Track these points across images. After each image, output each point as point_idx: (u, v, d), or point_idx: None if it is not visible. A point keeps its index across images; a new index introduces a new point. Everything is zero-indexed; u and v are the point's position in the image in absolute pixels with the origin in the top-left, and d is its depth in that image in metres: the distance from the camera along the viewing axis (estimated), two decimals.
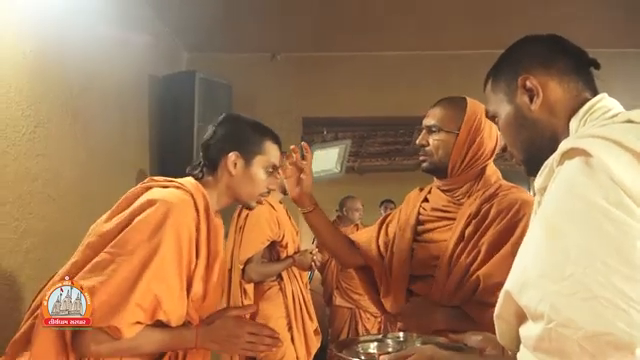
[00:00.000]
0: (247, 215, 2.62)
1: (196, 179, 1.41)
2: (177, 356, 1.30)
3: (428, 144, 1.49)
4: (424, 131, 1.52)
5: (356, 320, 4.51)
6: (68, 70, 2.32)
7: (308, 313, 2.74)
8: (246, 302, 2.61)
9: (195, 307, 1.30)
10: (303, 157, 1.57)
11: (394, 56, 4.12)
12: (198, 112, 3.27)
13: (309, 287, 2.94)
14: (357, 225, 4.70)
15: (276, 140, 1.47)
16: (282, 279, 2.70)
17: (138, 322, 1.16)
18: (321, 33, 3.83)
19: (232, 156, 1.39)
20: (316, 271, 4.07)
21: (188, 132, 3.27)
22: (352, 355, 1.18)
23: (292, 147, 1.58)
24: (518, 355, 0.76)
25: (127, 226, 1.22)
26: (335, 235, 1.70)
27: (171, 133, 3.36)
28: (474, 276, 1.37)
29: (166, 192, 1.29)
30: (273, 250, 2.75)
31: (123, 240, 1.19)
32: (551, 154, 0.85)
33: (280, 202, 2.87)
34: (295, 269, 2.78)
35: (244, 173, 1.41)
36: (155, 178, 1.39)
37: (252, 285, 2.68)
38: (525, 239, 0.81)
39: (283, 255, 2.72)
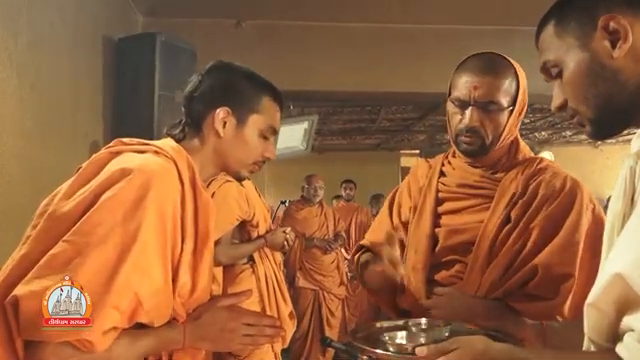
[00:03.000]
0: (213, 193, 2.41)
1: (176, 141, 1.15)
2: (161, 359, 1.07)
3: (482, 125, 1.26)
4: (474, 109, 1.25)
5: (319, 302, 4.46)
6: (13, 17, 2.02)
7: (282, 296, 2.56)
8: (215, 288, 2.42)
9: (182, 301, 1.06)
10: None
11: (368, 28, 3.97)
12: (159, 80, 3.00)
13: (282, 268, 2.77)
14: (321, 203, 4.59)
15: (277, 97, 1.21)
16: (254, 261, 2.52)
17: (114, 327, 0.92)
18: (290, 1, 3.64)
19: (221, 112, 1.13)
20: None
21: (148, 101, 3.01)
22: (379, 347, 1.01)
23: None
24: (621, 352, 0.63)
25: (93, 204, 0.95)
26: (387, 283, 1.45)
27: (128, 102, 3.10)
28: (527, 266, 1.21)
29: (142, 159, 1.03)
30: (243, 230, 2.56)
31: (90, 223, 0.93)
32: (632, 112, 0.72)
33: (248, 179, 2.68)
34: (267, 250, 2.61)
35: (235, 135, 1.15)
36: (125, 140, 1.10)
37: (221, 269, 2.48)
38: (638, 212, 0.67)
39: (254, 235, 2.54)
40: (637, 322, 0.62)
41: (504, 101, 1.26)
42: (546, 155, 8.12)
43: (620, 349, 0.64)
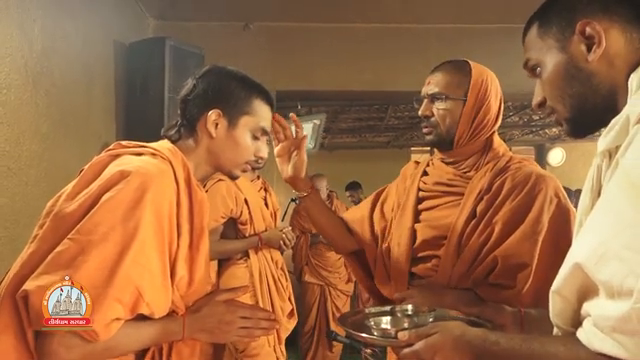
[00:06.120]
0: (205, 191, 2.46)
1: (172, 142, 1.20)
2: (162, 350, 1.13)
3: (432, 114, 1.38)
4: (426, 101, 1.39)
5: (325, 297, 4.47)
6: (28, 26, 2.12)
7: (279, 294, 2.60)
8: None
9: (180, 294, 1.12)
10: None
11: (372, 28, 4.00)
12: (168, 83, 3.07)
13: (281, 266, 2.79)
14: (330, 201, 4.65)
15: (268, 99, 1.26)
16: (248, 257, 2.57)
17: (117, 319, 0.97)
18: (296, 2, 3.68)
19: (212, 114, 1.18)
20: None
21: (157, 104, 3.08)
22: (365, 331, 1.07)
23: (276, 117, 1.40)
24: (581, 336, 0.68)
25: (95, 205, 1.00)
26: (331, 221, 1.59)
27: (139, 105, 3.17)
28: (489, 257, 1.28)
29: (140, 161, 1.08)
30: (236, 227, 2.60)
31: (92, 223, 0.97)
32: (605, 113, 0.76)
33: (255, 179, 2.74)
34: (265, 247, 2.63)
35: (227, 136, 1.20)
36: (124, 143, 1.16)
37: (214, 263, 2.53)
38: (599, 205, 0.72)
39: (248, 233, 2.57)
40: (593, 308, 0.66)
41: (451, 92, 1.36)
42: (557, 152, 8.11)
43: (580, 333, 0.69)
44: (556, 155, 8.12)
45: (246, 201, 2.54)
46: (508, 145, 1.51)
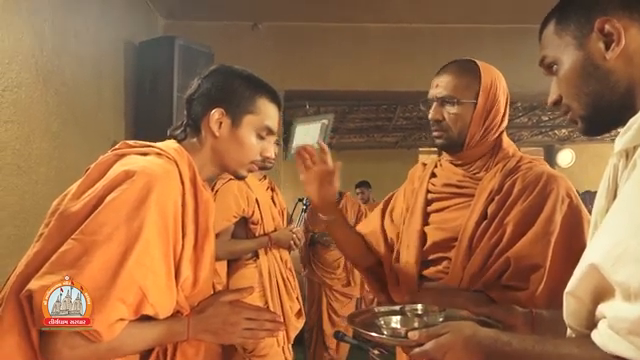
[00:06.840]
0: (216, 191, 2.48)
1: (178, 141, 1.20)
2: (166, 351, 1.13)
3: (443, 118, 1.35)
4: (436, 104, 1.36)
5: (320, 295, 4.43)
6: (39, 26, 2.14)
7: (287, 293, 2.60)
8: (215, 280, 2.47)
9: (185, 295, 1.12)
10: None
11: (381, 28, 4.00)
12: (177, 82, 3.08)
13: (289, 266, 2.79)
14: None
15: (273, 97, 1.24)
16: (258, 257, 2.56)
17: (121, 319, 0.97)
18: (305, 2, 3.68)
19: (216, 113, 1.16)
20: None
21: (166, 103, 3.08)
22: (374, 330, 1.06)
23: (311, 148, 1.36)
24: (596, 338, 0.68)
25: (99, 204, 0.99)
26: (353, 240, 1.57)
27: (148, 104, 3.18)
28: (501, 258, 1.26)
29: (145, 161, 1.08)
30: (246, 227, 2.59)
31: (96, 223, 0.97)
32: (622, 112, 0.75)
33: (262, 178, 2.74)
34: (276, 247, 2.64)
35: (231, 135, 1.19)
36: (130, 143, 1.16)
37: (224, 263, 2.53)
38: (615, 206, 0.71)
39: (257, 232, 2.57)
40: (609, 310, 0.66)
41: (461, 95, 1.34)
42: (566, 153, 8.06)
43: (594, 335, 0.68)
44: (565, 156, 8.07)
45: (257, 200, 2.54)
46: (517, 146, 1.49)
